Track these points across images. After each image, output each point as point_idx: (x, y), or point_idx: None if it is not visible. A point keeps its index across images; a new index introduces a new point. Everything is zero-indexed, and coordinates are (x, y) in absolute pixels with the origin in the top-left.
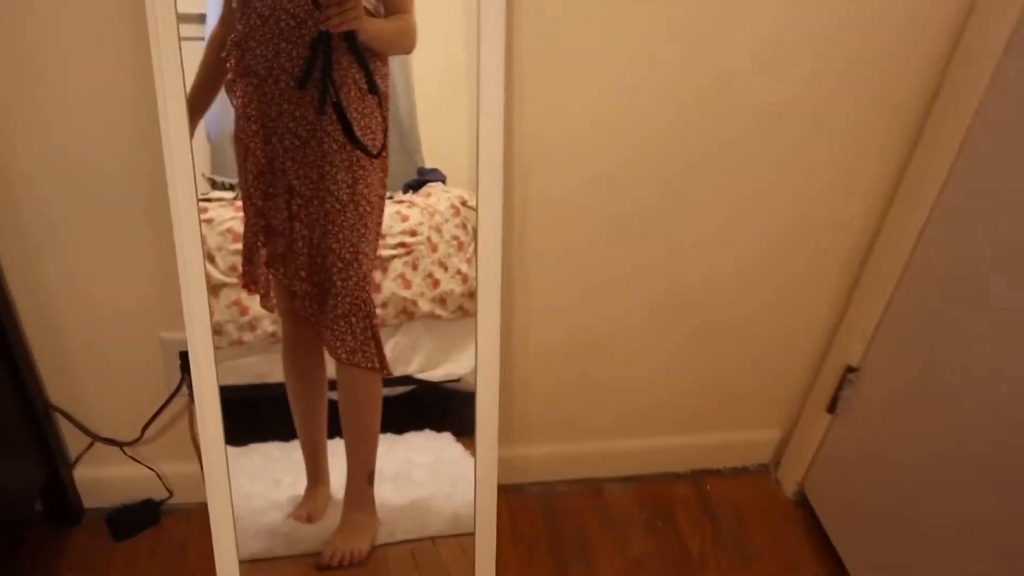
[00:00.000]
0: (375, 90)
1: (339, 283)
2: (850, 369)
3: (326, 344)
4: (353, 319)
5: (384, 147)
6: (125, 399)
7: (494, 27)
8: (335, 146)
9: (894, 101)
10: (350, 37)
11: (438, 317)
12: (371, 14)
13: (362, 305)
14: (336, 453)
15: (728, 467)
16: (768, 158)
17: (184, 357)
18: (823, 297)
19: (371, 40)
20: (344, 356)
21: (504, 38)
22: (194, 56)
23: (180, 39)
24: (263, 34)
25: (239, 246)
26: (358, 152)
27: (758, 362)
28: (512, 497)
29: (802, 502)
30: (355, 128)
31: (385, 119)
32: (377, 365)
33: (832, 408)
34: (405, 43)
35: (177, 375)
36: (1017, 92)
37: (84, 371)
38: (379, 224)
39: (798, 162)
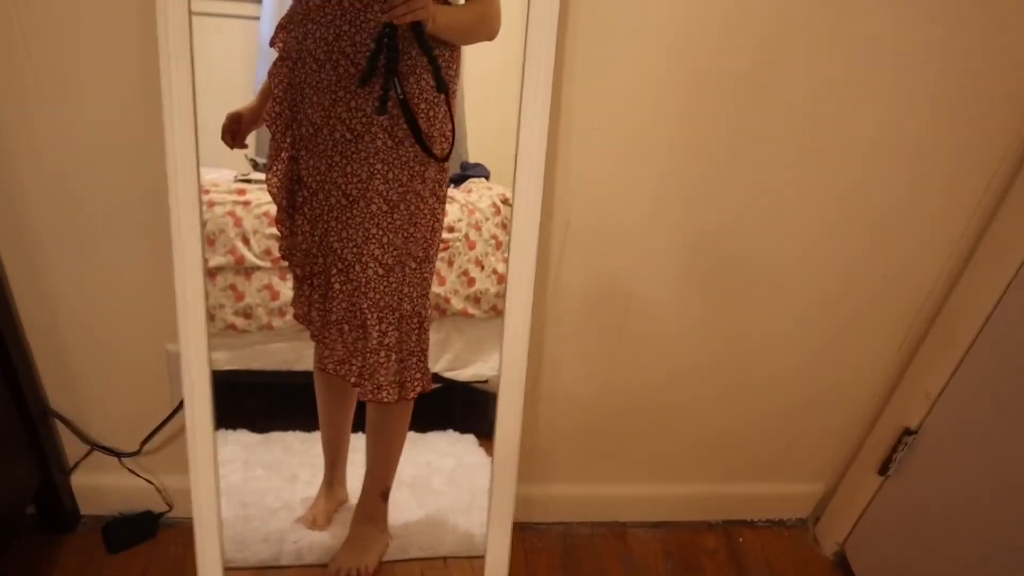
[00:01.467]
0: (443, 88)
1: (336, 286)
2: (908, 431)
3: (316, 352)
4: (345, 327)
5: (451, 150)
6: (128, 409)
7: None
8: (349, 135)
9: (980, 154)
10: (417, 28)
11: (471, 316)
12: (444, 1)
13: (357, 313)
14: (357, 450)
15: (763, 520)
16: (834, 204)
17: None
18: (881, 355)
19: (442, 32)
20: (332, 367)
21: (556, 27)
22: (208, 40)
23: (191, 48)
24: (298, 14)
25: (275, 230)
26: (378, 143)
27: (806, 415)
28: (530, 536)
29: (841, 562)
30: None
31: (453, 119)
32: (354, 379)
33: (884, 470)
34: (485, 30)
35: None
36: None
37: (87, 379)
38: (411, 226)
39: (864, 210)
